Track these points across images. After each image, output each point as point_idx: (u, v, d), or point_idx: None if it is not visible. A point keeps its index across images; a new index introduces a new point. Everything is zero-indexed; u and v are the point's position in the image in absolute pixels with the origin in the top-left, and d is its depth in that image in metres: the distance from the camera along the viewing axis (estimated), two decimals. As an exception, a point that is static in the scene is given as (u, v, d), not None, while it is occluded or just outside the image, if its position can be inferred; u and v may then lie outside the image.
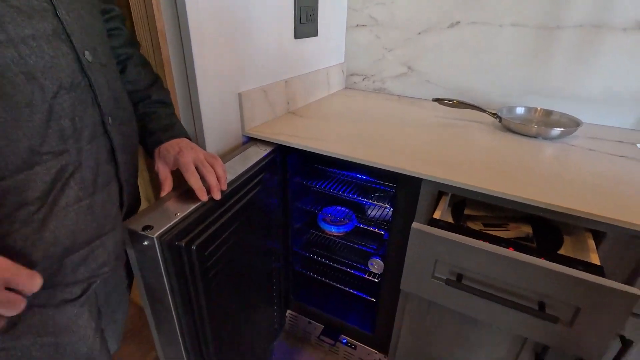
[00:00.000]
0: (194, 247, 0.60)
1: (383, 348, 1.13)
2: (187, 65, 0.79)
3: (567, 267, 0.56)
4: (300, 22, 1.08)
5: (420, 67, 1.32)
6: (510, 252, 0.59)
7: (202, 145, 0.87)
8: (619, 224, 0.61)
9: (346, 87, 1.51)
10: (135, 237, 0.57)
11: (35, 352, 0.49)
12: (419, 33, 1.27)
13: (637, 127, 1.07)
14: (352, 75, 1.48)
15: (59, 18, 0.45)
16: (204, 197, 0.65)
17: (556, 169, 0.80)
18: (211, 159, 0.67)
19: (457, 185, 0.73)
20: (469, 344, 0.87)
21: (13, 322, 0.46)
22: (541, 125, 1.04)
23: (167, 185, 0.67)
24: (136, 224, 0.57)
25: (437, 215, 0.76)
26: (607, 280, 0.53)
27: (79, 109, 0.47)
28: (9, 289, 0.39)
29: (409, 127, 1.03)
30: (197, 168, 0.64)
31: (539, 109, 1.08)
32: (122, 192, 0.57)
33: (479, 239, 0.64)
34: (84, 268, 0.51)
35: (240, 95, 0.93)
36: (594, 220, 0.63)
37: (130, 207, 0.61)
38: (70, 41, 0.46)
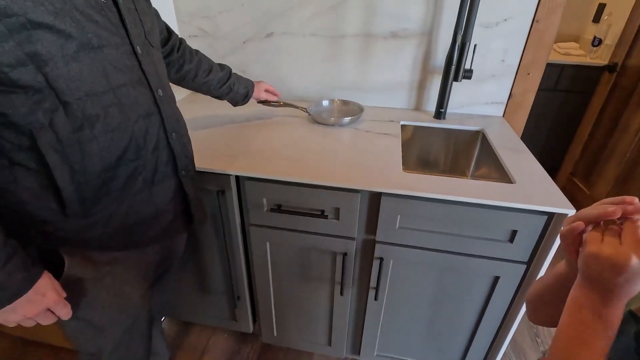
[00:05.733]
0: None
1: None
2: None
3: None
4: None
5: (253, 71, 1.54)
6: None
7: None
8: (361, 188, 0.93)
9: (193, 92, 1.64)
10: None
11: None
12: (244, 42, 1.47)
13: (406, 107, 1.47)
14: (196, 80, 1.61)
15: (142, 70, 0.68)
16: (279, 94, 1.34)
17: (337, 150, 1.10)
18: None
19: (257, 177, 0.98)
20: (307, 262, 1.14)
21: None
22: (338, 115, 1.36)
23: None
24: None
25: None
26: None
27: (150, 130, 0.71)
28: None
29: (239, 128, 1.24)
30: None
31: (337, 100, 1.41)
32: (182, 185, 0.83)
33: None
34: (151, 231, 0.79)
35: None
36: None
37: (194, 191, 0.89)
38: (149, 84, 0.70)
